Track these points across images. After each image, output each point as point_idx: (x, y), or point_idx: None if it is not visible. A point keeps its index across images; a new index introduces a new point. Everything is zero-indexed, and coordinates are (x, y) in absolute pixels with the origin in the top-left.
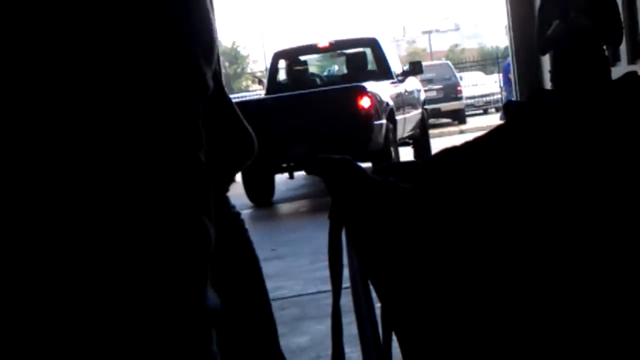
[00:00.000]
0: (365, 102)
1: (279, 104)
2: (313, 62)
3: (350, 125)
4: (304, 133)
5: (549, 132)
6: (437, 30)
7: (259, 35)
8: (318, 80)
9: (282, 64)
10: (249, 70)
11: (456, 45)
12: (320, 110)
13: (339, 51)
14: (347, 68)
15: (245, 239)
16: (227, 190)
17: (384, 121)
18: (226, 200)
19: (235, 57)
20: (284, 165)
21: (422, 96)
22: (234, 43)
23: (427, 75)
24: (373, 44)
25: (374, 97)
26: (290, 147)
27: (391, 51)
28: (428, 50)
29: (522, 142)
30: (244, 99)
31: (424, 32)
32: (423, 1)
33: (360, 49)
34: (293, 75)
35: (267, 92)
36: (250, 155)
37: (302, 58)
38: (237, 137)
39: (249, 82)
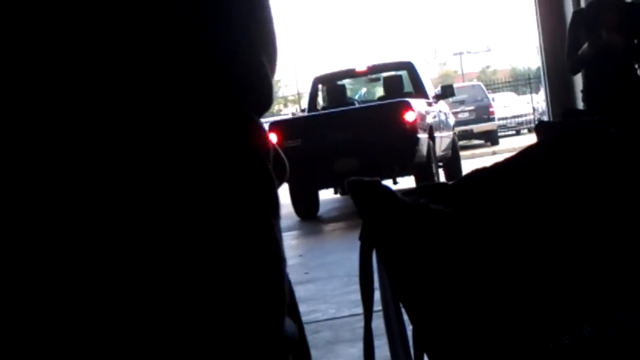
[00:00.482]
0: (410, 117)
1: (327, 120)
2: (349, 86)
3: (397, 139)
4: (351, 147)
5: (581, 152)
6: (469, 52)
7: (290, 59)
8: (356, 104)
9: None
10: (280, 95)
11: (488, 67)
12: (368, 125)
13: (375, 75)
14: (385, 90)
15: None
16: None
17: (426, 136)
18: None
19: None
20: (330, 180)
21: (452, 119)
22: None
23: (459, 97)
24: (409, 67)
25: (418, 112)
26: (338, 161)
27: (424, 74)
28: (459, 71)
29: (553, 162)
30: (293, 116)
31: (455, 54)
32: (454, 23)
33: (397, 72)
34: (332, 99)
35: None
36: (282, 180)
37: (340, 82)
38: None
39: (281, 106)
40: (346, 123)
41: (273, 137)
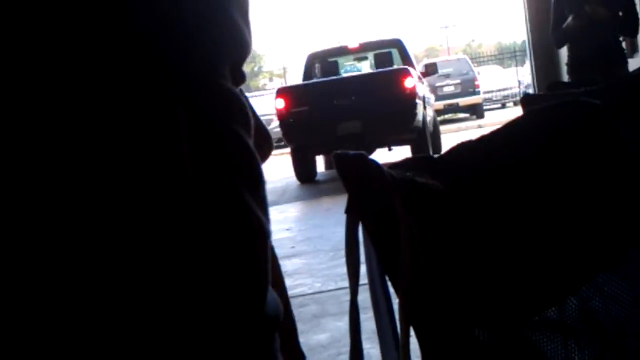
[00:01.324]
0: (409, 83)
1: (332, 87)
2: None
3: (397, 103)
4: (355, 111)
5: (566, 124)
6: (454, 26)
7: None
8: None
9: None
10: (265, 69)
11: (473, 40)
12: (370, 90)
13: (364, 53)
14: (376, 66)
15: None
16: None
17: (421, 102)
18: None
19: (253, 55)
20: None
21: (433, 98)
22: None
23: (444, 70)
24: (398, 44)
25: (415, 80)
26: (342, 124)
27: (411, 52)
28: (445, 45)
29: (538, 135)
30: (296, 83)
31: (441, 28)
32: None
33: (387, 50)
34: (325, 74)
35: None
36: (267, 153)
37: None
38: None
39: (267, 80)
40: (349, 89)
41: (280, 103)
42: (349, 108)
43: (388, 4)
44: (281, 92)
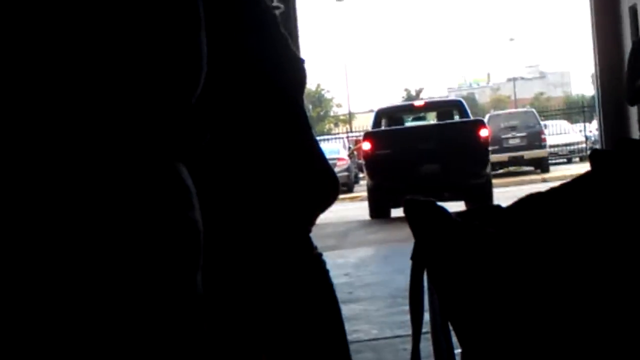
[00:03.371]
0: (484, 133)
1: (414, 133)
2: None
3: (473, 150)
4: (434, 155)
5: (635, 181)
6: (522, 78)
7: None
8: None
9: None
10: (332, 114)
11: (541, 94)
12: (448, 138)
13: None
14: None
15: (326, 280)
16: (309, 231)
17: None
18: (309, 241)
19: (319, 100)
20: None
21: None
22: (318, 86)
23: (511, 122)
24: (458, 104)
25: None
26: (423, 167)
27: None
28: (512, 97)
29: (607, 191)
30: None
31: (509, 80)
32: (508, 48)
33: (449, 108)
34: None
35: None
36: (332, 197)
37: (399, 115)
38: (320, 178)
39: (332, 125)
40: (430, 136)
41: (367, 145)
42: (430, 152)
43: (460, 55)
44: (368, 136)
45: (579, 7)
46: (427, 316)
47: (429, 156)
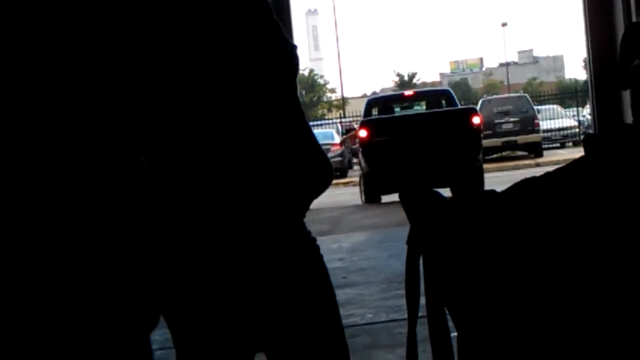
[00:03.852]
0: (476, 120)
1: (409, 121)
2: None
3: (466, 137)
4: (428, 142)
5: (628, 166)
6: (515, 63)
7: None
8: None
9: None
10: (325, 99)
11: (534, 79)
12: (441, 125)
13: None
14: (427, 109)
15: (320, 264)
16: (303, 216)
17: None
18: (303, 225)
19: (312, 85)
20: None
21: None
22: (311, 72)
23: (504, 107)
24: (447, 93)
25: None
26: (417, 153)
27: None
28: (505, 82)
29: (601, 176)
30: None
31: (502, 65)
32: (501, 33)
33: (438, 97)
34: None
35: None
36: (326, 183)
37: (390, 104)
38: (313, 164)
39: (325, 111)
40: (424, 124)
41: (363, 133)
42: (424, 139)
43: (452, 39)
44: (364, 124)
45: None
46: (422, 300)
47: (423, 143)
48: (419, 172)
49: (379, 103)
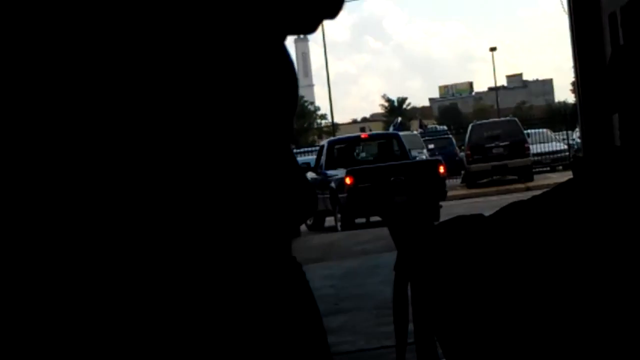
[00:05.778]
0: (442, 169)
1: (388, 170)
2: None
3: (435, 182)
4: (404, 187)
5: (616, 188)
6: (505, 87)
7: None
8: (360, 159)
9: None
10: (315, 126)
11: (524, 102)
12: (415, 173)
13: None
14: (379, 151)
15: (307, 289)
16: (289, 242)
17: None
18: (289, 251)
19: (303, 112)
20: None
21: None
22: (301, 98)
23: (494, 131)
24: (396, 136)
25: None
26: (395, 197)
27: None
28: (495, 106)
29: (589, 199)
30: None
31: (491, 89)
32: (490, 58)
33: (389, 139)
34: (344, 156)
35: (325, 167)
36: (312, 211)
37: (350, 144)
38: (302, 191)
39: (315, 137)
40: (400, 172)
41: (349, 180)
42: (401, 185)
43: (442, 64)
44: (350, 173)
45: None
46: (412, 327)
47: (399, 188)
48: (395, 214)
49: (339, 143)
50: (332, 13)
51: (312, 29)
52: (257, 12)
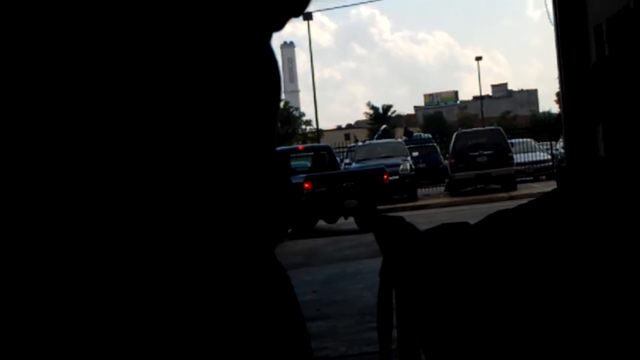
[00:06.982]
0: (385, 177)
1: (341, 176)
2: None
3: (381, 187)
4: (354, 192)
5: (599, 198)
6: (490, 96)
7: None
8: (296, 170)
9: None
10: (300, 131)
11: (508, 112)
12: (364, 179)
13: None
14: (313, 162)
15: (291, 295)
16: (274, 246)
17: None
18: (273, 256)
19: (288, 117)
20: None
21: None
22: (286, 104)
23: (478, 140)
24: (327, 148)
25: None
26: (347, 200)
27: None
28: (480, 116)
29: (573, 208)
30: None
31: (476, 98)
32: (476, 67)
33: (322, 151)
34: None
35: None
36: (296, 213)
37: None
38: (287, 194)
39: (300, 142)
40: (351, 178)
41: (309, 185)
42: (351, 190)
43: (428, 72)
44: (309, 179)
45: (546, 27)
46: (395, 333)
47: (350, 193)
48: (347, 214)
49: (282, 154)
50: (298, 10)
51: (280, 27)
52: (241, 11)
